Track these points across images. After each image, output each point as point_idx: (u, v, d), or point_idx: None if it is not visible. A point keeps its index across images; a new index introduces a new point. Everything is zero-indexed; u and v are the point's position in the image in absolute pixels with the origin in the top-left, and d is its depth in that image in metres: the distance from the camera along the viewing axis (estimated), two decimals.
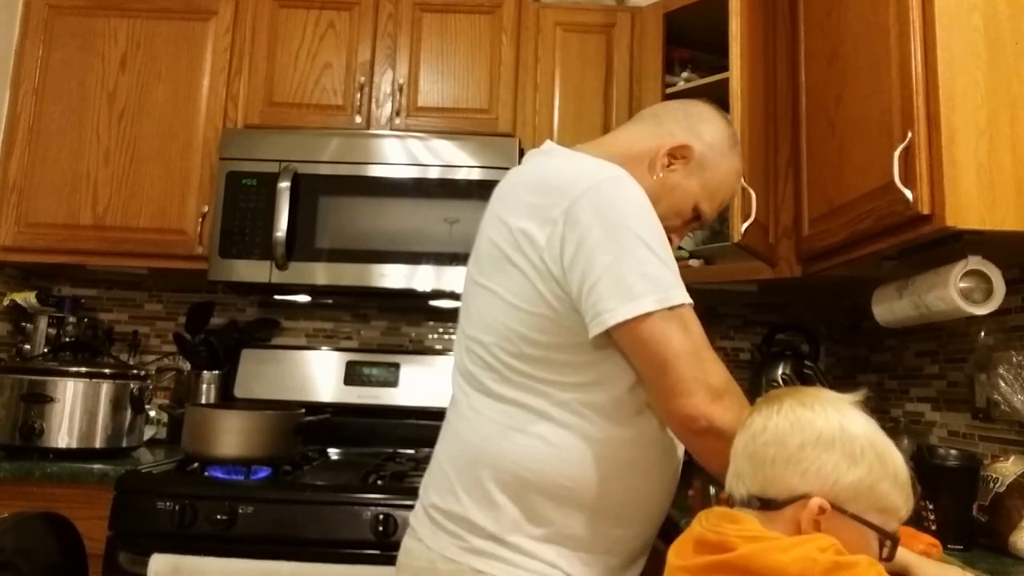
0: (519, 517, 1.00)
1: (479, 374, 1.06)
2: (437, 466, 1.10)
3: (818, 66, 1.65)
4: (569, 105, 2.20)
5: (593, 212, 0.96)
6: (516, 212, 1.04)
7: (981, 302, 1.29)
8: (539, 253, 0.99)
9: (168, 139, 2.18)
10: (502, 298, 1.03)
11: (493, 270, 1.06)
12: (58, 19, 2.22)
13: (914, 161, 1.20)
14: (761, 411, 0.84)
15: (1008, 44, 1.20)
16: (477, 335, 1.07)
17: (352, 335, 2.47)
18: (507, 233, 1.04)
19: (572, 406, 1.00)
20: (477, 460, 1.03)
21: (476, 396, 1.07)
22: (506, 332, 1.02)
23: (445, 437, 1.11)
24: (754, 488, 0.81)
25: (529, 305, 1.00)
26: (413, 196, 2.07)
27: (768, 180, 1.77)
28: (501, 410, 1.03)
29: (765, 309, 2.43)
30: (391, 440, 2.26)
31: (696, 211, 1.17)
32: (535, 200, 1.02)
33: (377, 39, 2.22)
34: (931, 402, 1.75)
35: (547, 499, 1.00)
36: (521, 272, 1.01)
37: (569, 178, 1.01)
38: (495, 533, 1.00)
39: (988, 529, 1.24)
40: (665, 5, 2.18)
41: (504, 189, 1.11)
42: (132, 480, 1.66)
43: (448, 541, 1.02)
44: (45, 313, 2.27)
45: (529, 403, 1.01)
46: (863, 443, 0.79)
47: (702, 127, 1.16)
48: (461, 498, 1.03)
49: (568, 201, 0.98)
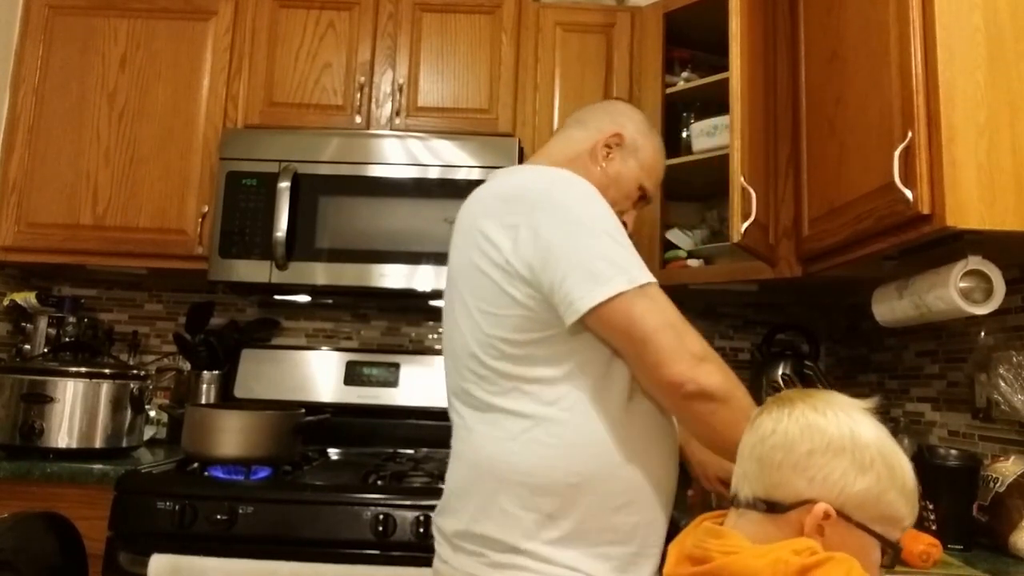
0: (532, 524, 1.02)
1: (472, 388, 1.10)
2: (447, 493, 1.13)
3: (818, 66, 1.65)
4: (569, 105, 2.20)
5: (550, 213, 1.03)
6: (479, 224, 1.10)
7: (981, 302, 1.29)
8: (505, 257, 1.05)
9: (168, 139, 2.18)
10: (477, 308, 1.09)
11: (464, 285, 1.12)
12: (58, 19, 2.22)
13: (914, 161, 1.20)
14: (771, 413, 0.84)
15: (1008, 44, 1.20)
16: (465, 350, 1.11)
17: (352, 335, 2.47)
18: (472, 244, 1.11)
19: (561, 404, 1.03)
20: (481, 477, 1.06)
21: (470, 415, 1.10)
22: (487, 339, 1.07)
23: (450, 464, 1.15)
24: (759, 490, 0.81)
25: (502, 309, 1.05)
26: (413, 196, 2.07)
27: (768, 180, 1.77)
28: (493, 421, 1.06)
29: (765, 309, 2.43)
30: (391, 440, 2.26)
31: (641, 190, 1.30)
32: (495, 209, 1.09)
33: (377, 39, 2.22)
34: (931, 402, 1.75)
35: (556, 498, 1.01)
36: (490, 279, 1.07)
37: (524, 186, 1.09)
38: (512, 544, 1.02)
39: (988, 529, 1.24)
40: (665, 5, 2.18)
41: (464, 212, 1.18)
42: (132, 480, 1.66)
43: (470, 561, 1.05)
44: (45, 313, 2.27)
45: (520, 409, 1.05)
46: (873, 452, 0.78)
47: (622, 117, 1.30)
48: (474, 516, 1.05)
49: (526, 206, 1.05)
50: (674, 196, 2.24)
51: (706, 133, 2.03)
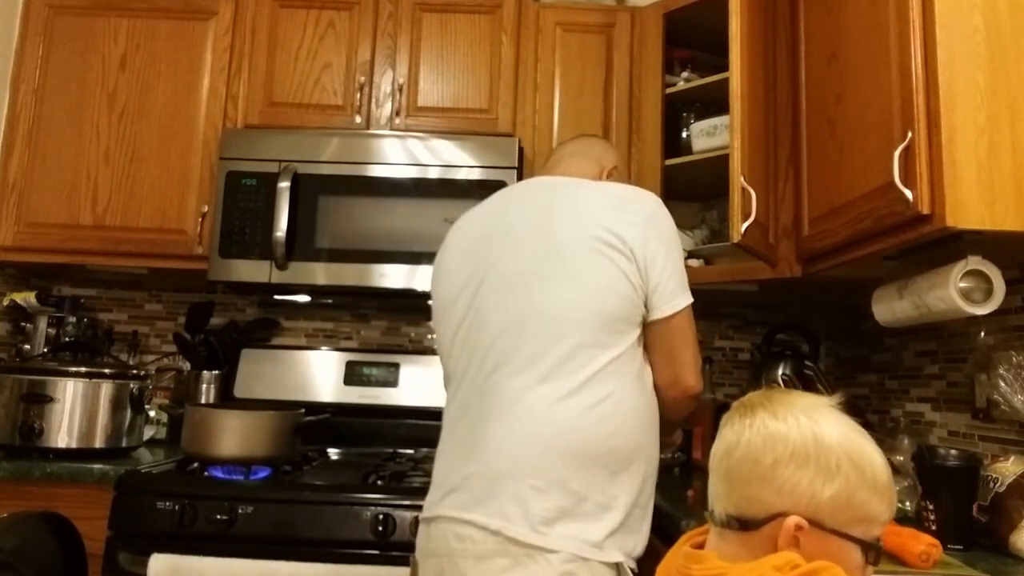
0: (604, 489, 1.15)
1: (548, 358, 1.18)
2: (500, 452, 1.17)
3: (818, 66, 1.65)
4: (569, 105, 2.20)
5: (667, 227, 1.27)
6: (598, 213, 1.24)
7: (981, 302, 1.29)
8: (629, 247, 1.21)
9: (168, 139, 2.18)
10: (593, 283, 1.21)
11: (576, 259, 1.23)
12: (58, 19, 2.22)
13: (914, 161, 1.20)
14: (734, 424, 0.82)
15: (1008, 44, 1.20)
16: (560, 318, 1.20)
17: (352, 335, 2.47)
18: (590, 227, 1.23)
19: (627, 379, 1.21)
20: (556, 447, 1.15)
21: (561, 379, 1.18)
22: (595, 312, 1.20)
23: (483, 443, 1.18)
24: (731, 508, 0.80)
25: (619, 288, 1.21)
26: (413, 196, 2.07)
27: (768, 180, 1.77)
28: (572, 392, 1.17)
29: (765, 309, 2.43)
30: (391, 440, 2.26)
31: None
32: (615, 207, 1.25)
33: (377, 39, 2.22)
34: (931, 402, 1.75)
35: (621, 472, 1.17)
36: (610, 261, 1.21)
37: (635, 197, 1.29)
38: (585, 510, 1.13)
39: (988, 529, 1.24)
40: (665, 5, 2.18)
41: (565, 196, 1.30)
42: (132, 480, 1.66)
43: (526, 523, 1.12)
44: (45, 313, 2.27)
45: (601, 382, 1.18)
46: (839, 454, 0.77)
47: (610, 152, 1.50)
48: (547, 478, 1.14)
49: (641, 215, 1.25)
50: (674, 196, 2.23)
51: (706, 133, 2.03)
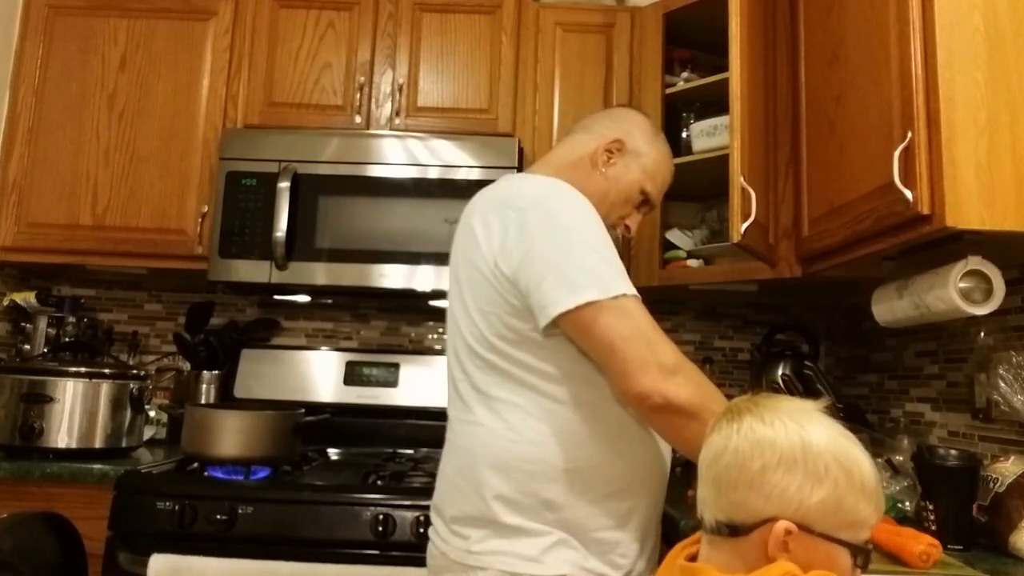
0: (529, 508, 1.04)
1: (475, 379, 1.12)
2: (444, 480, 1.16)
3: (818, 66, 1.65)
4: (569, 105, 2.20)
5: (539, 217, 1.06)
6: (473, 223, 1.15)
7: (981, 302, 1.29)
8: (494, 256, 1.08)
9: (168, 139, 2.18)
10: (474, 304, 1.13)
11: (463, 281, 1.16)
12: (58, 19, 2.22)
13: (914, 161, 1.20)
14: (721, 430, 0.82)
15: (1008, 44, 1.20)
16: (464, 343, 1.14)
17: (352, 335, 2.47)
18: (467, 243, 1.15)
19: (558, 396, 1.07)
20: (478, 464, 1.08)
21: (474, 404, 1.12)
22: (482, 334, 1.10)
23: (447, 453, 1.17)
24: (720, 515, 0.80)
25: (493, 306, 1.09)
26: (413, 196, 2.06)
27: (768, 180, 1.77)
28: (495, 410, 1.09)
29: (765, 309, 2.43)
30: (391, 440, 2.26)
31: (643, 194, 1.31)
32: (491, 211, 1.13)
33: (377, 39, 2.22)
34: (931, 402, 1.75)
35: (553, 485, 1.04)
36: (483, 276, 1.10)
37: (521, 192, 1.13)
38: (515, 525, 1.04)
39: (988, 529, 1.24)
40: (665, 5, 2.18)
41: (465, 212, 1.22)
42: (132, 480, 1.66)
43: (465, 544, 1.07)
44: (45, 313, 2.27)
45: (519, 400, 1.07)
46: (827, 459, 0.77)
47: (626, 123, 1.32)
48: (472, 501, 1.07)
49: (518, 211, 1.08)
50: (674, 196, 2.21)
51: (706, 133, 2.02)
